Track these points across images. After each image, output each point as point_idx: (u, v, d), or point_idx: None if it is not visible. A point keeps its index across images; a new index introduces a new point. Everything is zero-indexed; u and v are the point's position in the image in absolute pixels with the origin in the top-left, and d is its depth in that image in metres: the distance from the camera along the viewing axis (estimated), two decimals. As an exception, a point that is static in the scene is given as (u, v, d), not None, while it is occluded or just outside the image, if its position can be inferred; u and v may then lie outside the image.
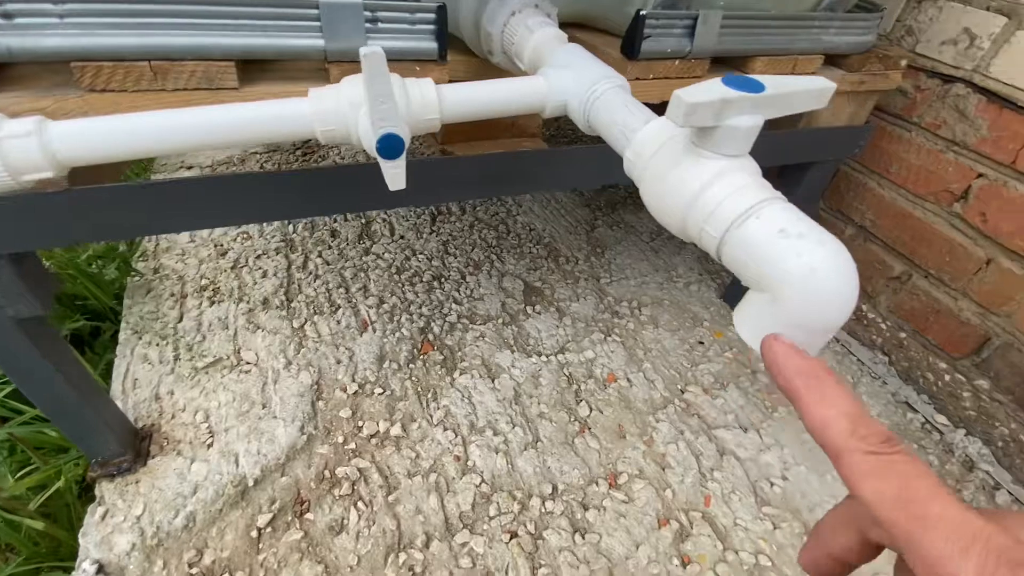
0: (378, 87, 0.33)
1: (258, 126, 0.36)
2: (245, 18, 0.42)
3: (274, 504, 0.70)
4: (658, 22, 0.56)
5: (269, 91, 0.46)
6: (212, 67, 0.43)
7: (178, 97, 0.44)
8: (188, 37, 0.42)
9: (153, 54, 0.42)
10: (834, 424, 0.20)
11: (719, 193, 0.30)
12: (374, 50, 0.32)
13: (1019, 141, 0.76)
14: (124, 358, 0.87)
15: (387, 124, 0.35)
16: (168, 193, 0.49)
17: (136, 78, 0.43)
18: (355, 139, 0.38)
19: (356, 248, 1.14)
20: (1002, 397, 0.85)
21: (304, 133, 0.38)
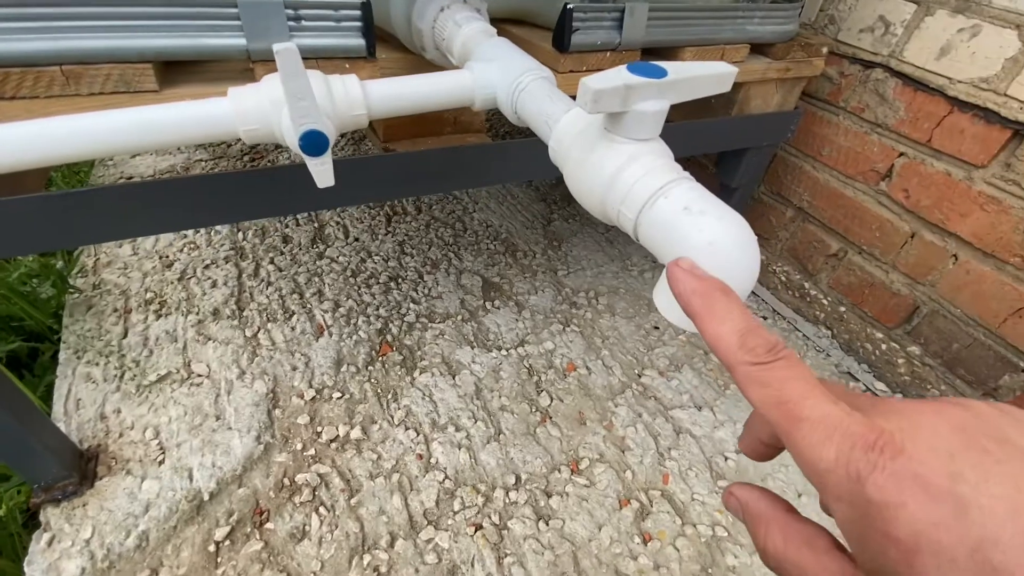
0: (295, 83, 0.33)
1: (177, 128, 0.36)
2: (161, 18, 0.41)
3: (232, 516, 0.69)
4: (586, 15, 0.57)
5: (191, 93, 0.45)
6: (129, 70, 0.42)
7: (94, 102, 0.43)
8: (101, 40, 0.41)
9: (64, 58, 0.41)
10: (725, 339, 0.21)
11: (632, 176, 0.32)
12: (287, 46, 0.32)
13: (933, 121, 0.81)
14: (65, 378, 0.83)
15: (308, 121, 0.35)
16: (98, 201, 0.48)
17: (47, 84, 0.41)
18: (280, 137, 0.38)
19: (309, 253, 1.13)
20: (932, 362, 0.90)
21: (227, 134, 0.37)
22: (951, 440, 0.16)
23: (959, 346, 0.86)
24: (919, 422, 0.17)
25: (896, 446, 0.16)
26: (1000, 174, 0.75)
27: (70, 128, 0.33)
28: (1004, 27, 0.71)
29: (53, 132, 0.32)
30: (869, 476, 0.16)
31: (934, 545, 0.15)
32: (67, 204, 0.47)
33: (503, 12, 0.67)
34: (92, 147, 0.33)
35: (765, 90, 0.80)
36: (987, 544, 0.14)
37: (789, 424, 0.18)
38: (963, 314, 0.84)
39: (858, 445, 0.17)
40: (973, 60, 0.75)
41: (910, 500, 0.15)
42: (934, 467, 0.15)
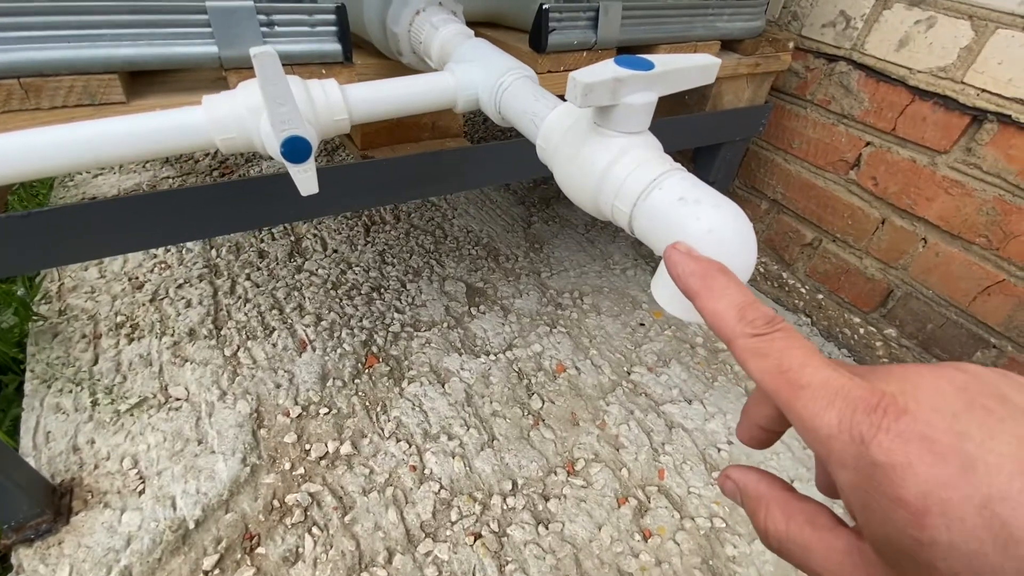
0: (275, 88, 0.32)
1: (149, 139, 0.34)
2: (127, 26, 0.40)
3: (220, 544, 0.66)
4: (562, 15, 0.57)
5: (162, 104, 0.43)
6: (93, 81, 0.40)
7: (56, 116, 0.41)
8: (63, 50, 0.39)
9: (22, 70, 0.39)
10: (723, 314, 0.21)
11: (624, 169, 0.32)
12: (264, 49, 0.31)
13: (896, 110, 0.84)
14: (33, 411, 0.79)
15: (289, 127, 0.34)
16: (63, 221, 0.46)
17: (5, 98, 0.39)
18: (258, 145, 0.37)
19: (287, 267, 1.10)
20: (908, 342, 0.93)
21: (202, 143, 0.36)
22: (954, 400, 0.16)
23: (933, 326, 0.89)
24: (920, 384, 0.17)
25: (899, 407, 0.16)
26: (962, 159, 0.79)
27: (33, 142, 0.31)
28: (958, 18, 0.74)
29: (16, 147, 0.30)
30: (873, 439, 0.16)
31: (943, 504, 0.14)
32: (30, 226, 0.44)
33: (478, 15, 0.66)
34: (58, 162, 0.32)
35: (736, 85, 0.82)
36: (995, 500, 0.14)
37: (790, 393, 0.18)
38: (935, 295, 0.87)
39: (860, 408, 0.16)
40: (931, 50, 0.78)
41: (916, 460, 0.15)
42: (939, 427, 0.15)
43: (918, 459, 0.15)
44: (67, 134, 0.31)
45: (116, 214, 0.48)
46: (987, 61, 0.73)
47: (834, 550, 0.19)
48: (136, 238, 0.51)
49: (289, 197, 0.57)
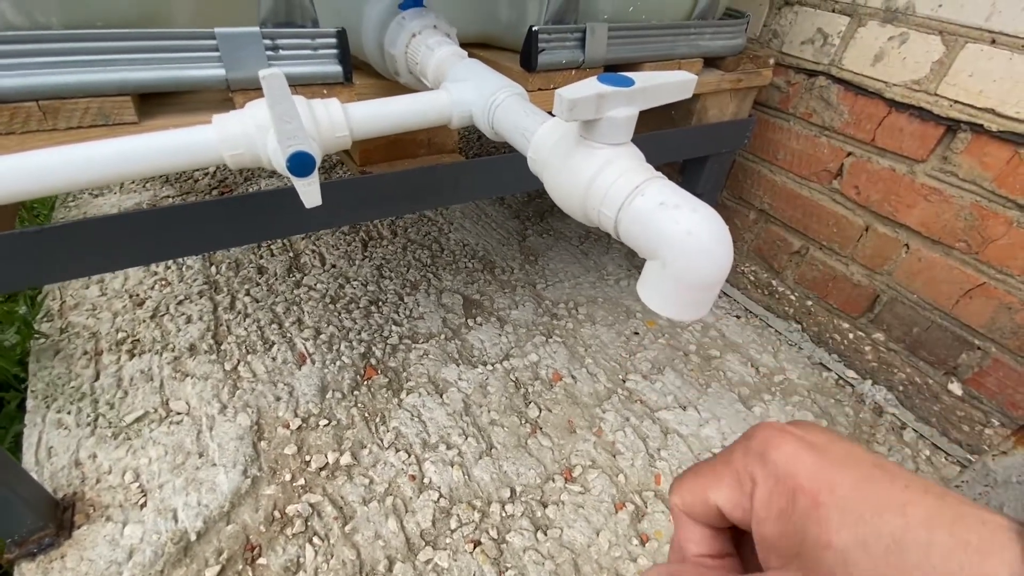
0: (281, 107, 0.34)
1: (163, 155, 0.36)
2: (140, 51, 0.42)
3: (222, 555, 0.67)
4: (550, 36, 0.60)
5: (171, 123, 0.46)
6: (108, 103, 0.43)
7: (72, 136, 0.43)
8: (78, 74, 0.41)
9: (40, 94, 0.41)
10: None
11: (609, 177, 0.34)
12: (272, 71, 0.33)
13: (874, 121, 0.87)
14: (35, 426, 0.79)
15: (295, 143, 0.36)
16: (75, 235, 0.47)
17: (24, 119, 0.41)
18: (265, 161, 0.39)
19: (286, 282, 1.12)
20: (896, 346, 0.95)
21: (212, 160, 0.38)
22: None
23: (919, 329, 0.91)
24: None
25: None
26: (939, 167, 0.82)
27: (58, 159, 0.33)
28: (929, 34, 0.78)
29: (41, 164, 0.32)
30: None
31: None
32: (42, 241, 0.46)
33: (471, 37, 0.69)
34: (80, 177, 0.34)
35: (720, 100, 0.85)
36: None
37: None
38: (919, 299, 0.89)
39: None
40: (904, 65, 0.81)
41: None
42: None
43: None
44: (89, 152, 0.33)
45: (126, 228, 0.50)
46: (958, 74, 0.76)
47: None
48: (143, 252, 0.53)
49: (290, 212, 0.59)
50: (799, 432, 0.18)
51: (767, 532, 0.18)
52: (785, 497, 0.17)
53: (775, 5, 0.97)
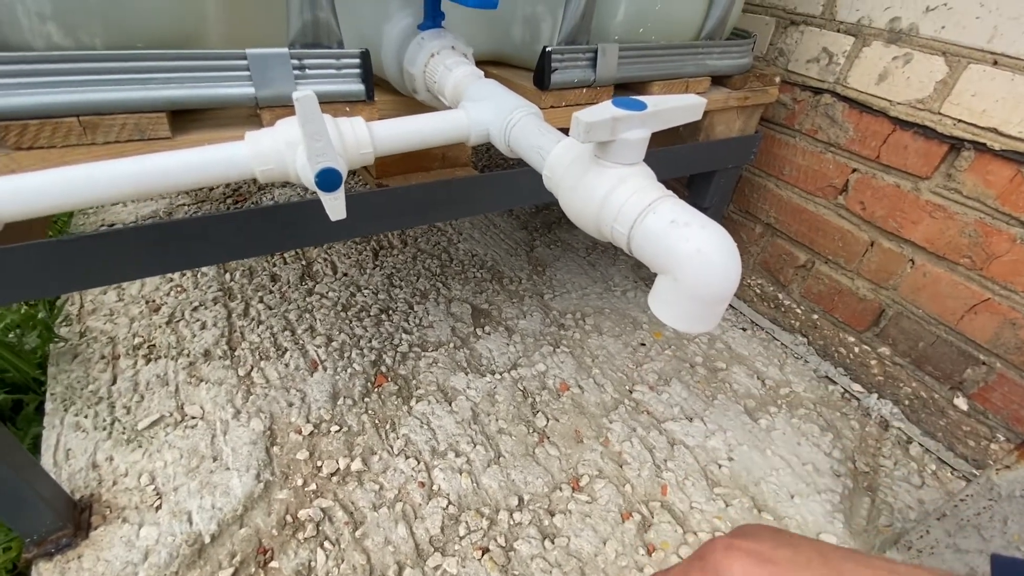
0: (312, 126, 0.36)
1: (199, 170, 0.38)
2: (176, 71, 0.44)
3: (235, 558, 0.68)
4: (563, 56, 0.62)
5: (202, 138, 0.48)
6: (144, 119, 0.45)
7: (109, 150, 0.45)
8: (118, 92, 0.43)
9: (81, 110, 0.43)
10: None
11: (622, 196, 0.36)
12: (306, 94, 0.35)
13: (879, 139, 0.89)
14: (53, 429, 0.81)
15: (324, 159, 0.38)
16: (105, 245, 0.49)
17: (64, 134, 0.43)
18: (293, 176, 0.41)
19: (299, 290, 1.14)
20: (901, 360, 0.96)
21: (244, 174, 0.40)
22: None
23: (924, 344, 0.92)
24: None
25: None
26: (943, 184, 0.83)
27: (103, 173, 0.35)
28: (932, 54, 0.79)
29: (87, 177, 0.34)
30: None
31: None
32: (80, 248, 0.48)
33: (485, 55, 0.72)
34: (124, 190, 0.36)
35: (727, 117, 0.87)
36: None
37: None
38: (925, 314, 0.90)
39: None
40: (908, 84, 0.83)
41: None
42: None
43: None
44: (132, 166, 0.35)
45: (151, 239, 0.52)
46: (961, 93, 0.78)
47: None
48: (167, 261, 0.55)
49: (308, 224, 0.61)
50: (749, 545, 0.19)
51: None
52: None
53: (781, 25, 0.99)
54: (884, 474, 0.87)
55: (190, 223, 0.55)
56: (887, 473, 0.87)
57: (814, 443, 0.91)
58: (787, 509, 0.80)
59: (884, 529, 0.78)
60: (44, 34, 0.41)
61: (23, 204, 0.35)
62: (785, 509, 0.80)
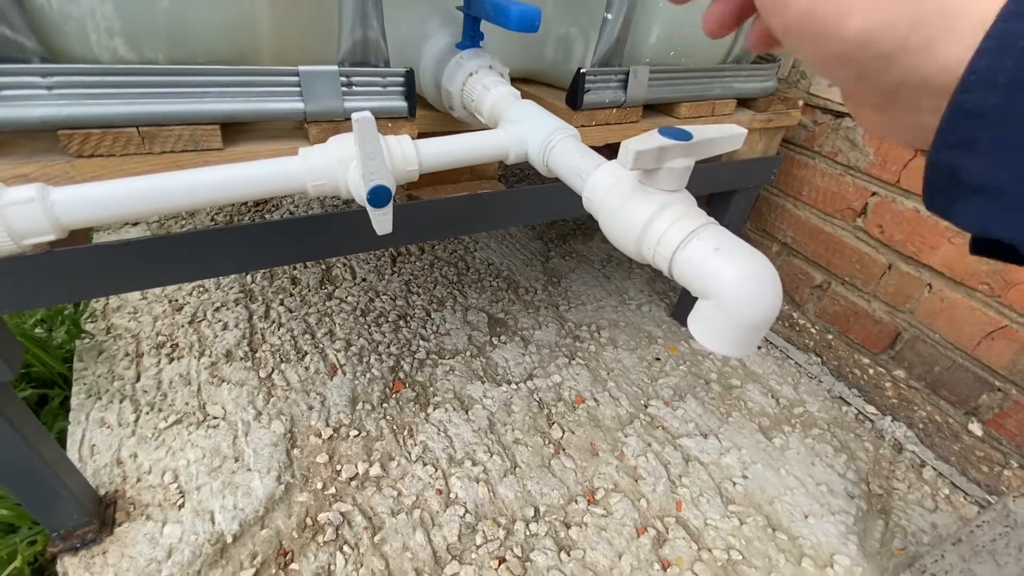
0: (369, 146, 0.38)
1: (255, 183, 0.40)
2: (231, 86, 0.46)
3: (256, 558, 0.69)
4: (596, 78, 0.64)
5: (252, 150, 0.50)
6: (198, 131, 0.47)
7: (164, 160, 0.47)
8: (176, 104, 0.45)
9: (141, 120, 0.45)
10: None
11: (665, 221, 0.37)
12: (365, 115, 0.36)
13: (900, 163, 0.90)
14: (79, 424, 0.83)
15: (376, 177, 0.40)
16: (151, 250, 0.51)
17: (124, 143, 0.45)
18: (344, 191, 0.42)
19: (318, 294, 1.15)
20: (916, 384, 0.96)
21: (297, 188, 0.41)
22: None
23: (940, 368, 0.92)
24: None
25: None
26: (963, 211, 0.84)
27: (169, 185, 0.37)
28: (954, 84, 0.80)
29: (154, 188, 0.36)
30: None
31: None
32: (127, 253, 0.50)
33: (518, 72, 0.74)
34: (187, 201, 0.37)
35: (751, 138, 0.89)
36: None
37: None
38: (941, 338, 0.91)
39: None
40: (930, 112, 0.84)
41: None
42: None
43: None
44: (192, 178, 0.37)
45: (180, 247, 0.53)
46: (983, 123, 0.79)
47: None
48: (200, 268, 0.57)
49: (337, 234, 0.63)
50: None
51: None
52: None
53: (803, 48, 1.00)
54: (898, 497, 0.87)
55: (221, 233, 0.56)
56: (901, 496, 0.88)
57: (828, 464, 0.91)
58: (801, 529, 0.80)
59: (898, 552, 0.79)
60: (111, 48, 0.43)
61: (89, 212, 0.37)
62: (799, 529, 0.80)
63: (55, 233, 0.36)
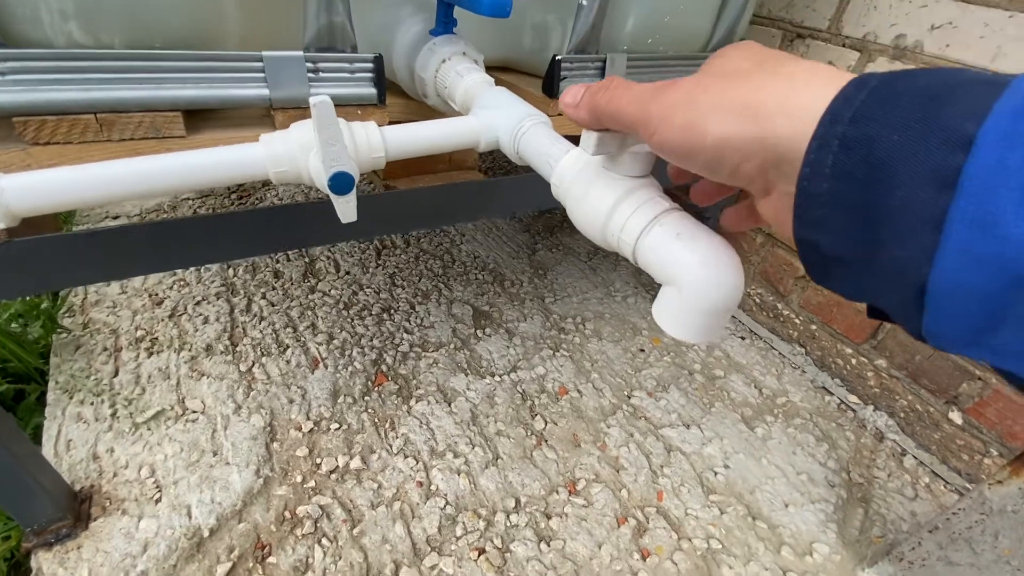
0: (328, 131, 0.37)
1: (214, 170, 0.39)
2: (192, 71, 0.45)
3: (233, 552, 0.68)
4: (572, 65, 0.63)
5: (216, 138, 0.49)
6: (159, 117, 0.46)
7: (124, 147, 0.46)
8: (135, 90, 0.44)
9: (98, 107, 0.44)
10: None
11: (629, 208, 0.36)
12: (323, 99, 0.36)
13: (881, 153, 0.90)
14: (55, 419, 0.82)
15: (337, 164, 0.39)
16: (117, 241, 0.50)
17: (82, 130, 0.44)
18: (307, 178, 0.41)
19: (301, 287, 1.14)
20: (898, 373, 0.97)
21: (258, 175, 0.41)
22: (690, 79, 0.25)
23: (921, 357, 0.92)
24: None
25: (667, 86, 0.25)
26: (943, 200, 0.84)
27: (121, 171, 0.36)
28: (935, 72, 0.80)
29: (110, 175, 0.35)
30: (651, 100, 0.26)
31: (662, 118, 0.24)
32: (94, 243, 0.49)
33: (494, 61, 0.73)
34: (140, 188, 0.36)
35: (732, 128, 0.88)
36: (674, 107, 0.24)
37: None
38: (922, 328, 0.91)
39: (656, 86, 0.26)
40: (911, 101, 0.84)
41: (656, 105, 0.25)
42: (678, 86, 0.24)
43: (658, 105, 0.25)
44: (150, 164, 0.36)
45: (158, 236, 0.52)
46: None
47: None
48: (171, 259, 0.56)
49: (314, 224, 0.62)
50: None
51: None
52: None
53: (787, 38, 1.00)
54: (878, 486, 0.88)
55: (196, 222, 0.55)
56: (881, 485, 0.88)
57: (809, 453, 0.92)
58: (781, 518, 0.81)
59: (876, 540, 0.79)
60: (65, 32, 0.42)
61: (41, 200, 0.36)
62: (779, 518, 0.81)
63: (4, 221, 0.35)
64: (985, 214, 0.15)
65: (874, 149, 0.17)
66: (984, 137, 0.15)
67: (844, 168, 0.18)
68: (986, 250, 0.15)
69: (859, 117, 0.18)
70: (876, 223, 0.18)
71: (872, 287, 0.20)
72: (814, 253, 0.21)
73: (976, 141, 0.15)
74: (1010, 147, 0.15)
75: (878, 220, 0.18)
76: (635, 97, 0.27)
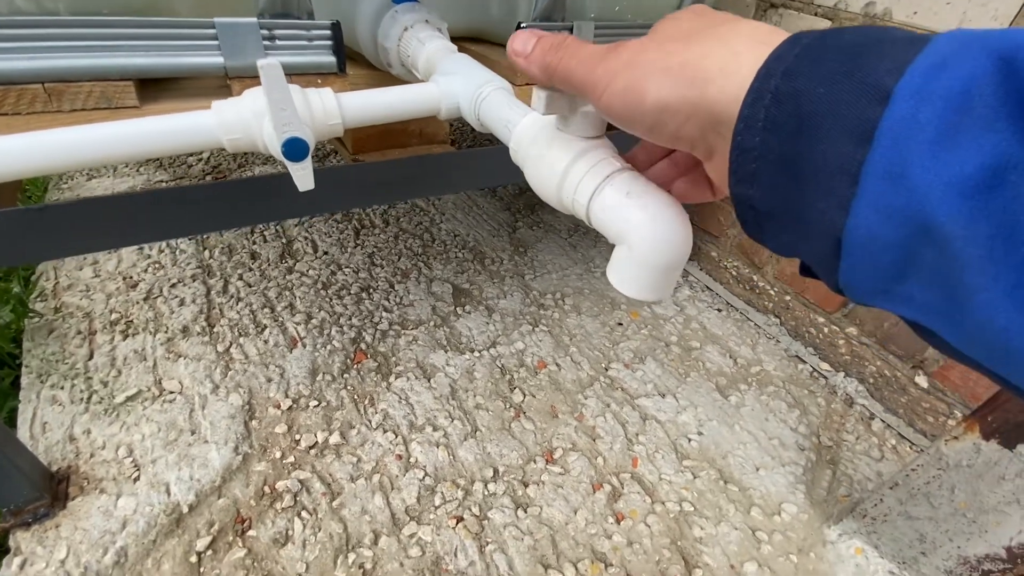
0: (277, 95, 0.37)
1: (166, 138, 0.38)
2: (142, 39, 0.44)
3: (213, 527, 0.69)
4: (538, 33, 0.62)
5: (171, 108, 0.48)
6: (110, 87, 0.45)
7: (75, 118, 0.45)
8: (83, 59, 0.43)
9: (45, 76, 0.43)
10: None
11: (581, 169, 0.37)
12: (270, 62, 0.35)
13: (851, 123, 0.90)
14: (30, 403, 0.81)
15: (290, 129, 0.39)
16: (74, 214, 0.49)
17: (29, 101, 0.43)
18: (261, 145, 0.41)
19: (279, 268, 1.13)
20: (867, 340, 0.99)
21: (211, 143, 0.40)
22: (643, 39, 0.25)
23: (889, 324, 0.95)
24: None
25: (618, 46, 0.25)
26: (910, 168, 0.85)
27: (66, 139, 0.35)
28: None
29: (50, 143, 0.35)
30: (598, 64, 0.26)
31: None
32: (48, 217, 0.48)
33: (462, 31, 0.72)
34: (86, 156, 0.36)
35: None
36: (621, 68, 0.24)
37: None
38: (890, 295, 0.93)
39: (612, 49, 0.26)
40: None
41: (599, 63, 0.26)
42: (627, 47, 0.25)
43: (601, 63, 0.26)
44: (95, 132, 0.36)
45: (126, 208, 0.52)
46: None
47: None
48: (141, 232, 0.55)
49: (283, 197, 0.62)
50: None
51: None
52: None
53: (761, 7, 0.99)
54: (846, 448, 0.91)
55: (166, 193, 0.55)
56: (849, 447, 0.91)
57: (781, 419, 0.94)
58: (752, 481, 0.83)
59: (842, 499, 0.82)
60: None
61: (-14, 168, 0.35)
62: (750, 480, 0.83)
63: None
64: (895, 166, 0.15)
65: (802, 102, 0.17)
66: (900, 91, 0.16)
67: (775, 121, 0.18)
68: (895, 201, 0.16)
69: (790, 72, 0.18)
70: (802, 176, 0.18)
71: (799, 241, 0.20)
72: (749, 209, 0.21)
73: (892, 96, 0.16)
74: (922, 102, 0.15)
75: (804, 173, 0.18)
76: (584, 59, 0.27)
